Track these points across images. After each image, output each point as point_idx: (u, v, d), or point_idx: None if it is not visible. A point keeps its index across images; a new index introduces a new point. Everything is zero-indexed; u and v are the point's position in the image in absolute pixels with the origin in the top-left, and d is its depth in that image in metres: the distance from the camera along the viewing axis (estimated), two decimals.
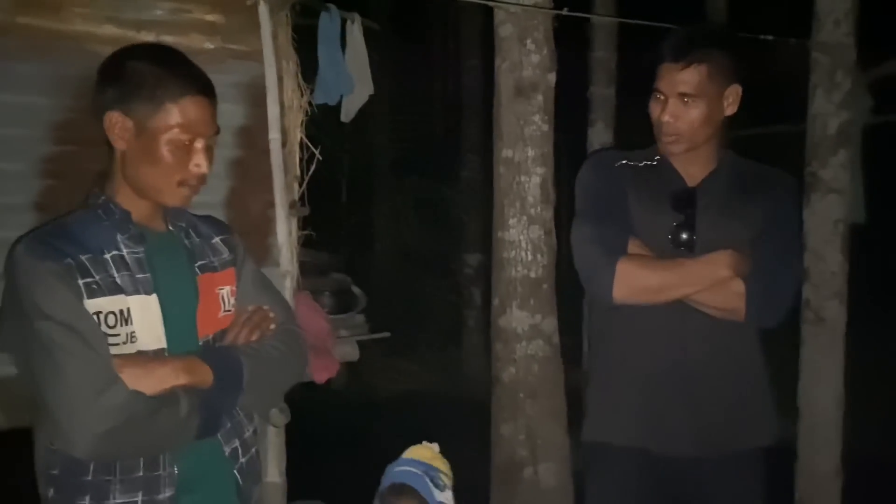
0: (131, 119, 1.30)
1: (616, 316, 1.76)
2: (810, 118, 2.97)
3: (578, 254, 1.77)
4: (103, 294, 1.28)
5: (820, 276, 2.94)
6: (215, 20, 2.19)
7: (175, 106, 1.30)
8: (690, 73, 1.65)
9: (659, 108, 1.70)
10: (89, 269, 1.29)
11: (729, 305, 1.70)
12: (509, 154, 2.55)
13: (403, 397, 6.15)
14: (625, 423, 1.77)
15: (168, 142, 1.30)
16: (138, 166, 1.32)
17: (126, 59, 1.32)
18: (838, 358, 2.95)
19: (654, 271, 1.70)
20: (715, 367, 1.74)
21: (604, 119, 4.59)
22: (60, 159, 1.99)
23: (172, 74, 1.31)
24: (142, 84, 1.29)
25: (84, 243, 1.30)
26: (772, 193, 1.76)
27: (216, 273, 1.44)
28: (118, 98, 1.30)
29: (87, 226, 1.33)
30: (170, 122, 1.30)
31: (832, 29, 2.88)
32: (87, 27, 2.03)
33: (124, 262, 1.32)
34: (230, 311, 1.45)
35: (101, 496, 1.30)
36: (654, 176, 1.77)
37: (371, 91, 3.03)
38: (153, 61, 1.32)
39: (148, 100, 1.29)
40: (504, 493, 2.61)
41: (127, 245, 1.34)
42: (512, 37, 2.51)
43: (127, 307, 1.30)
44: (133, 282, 1.32)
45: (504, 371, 2.59)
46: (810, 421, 2.97)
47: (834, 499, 2.94)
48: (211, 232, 1.48)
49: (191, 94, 1.31)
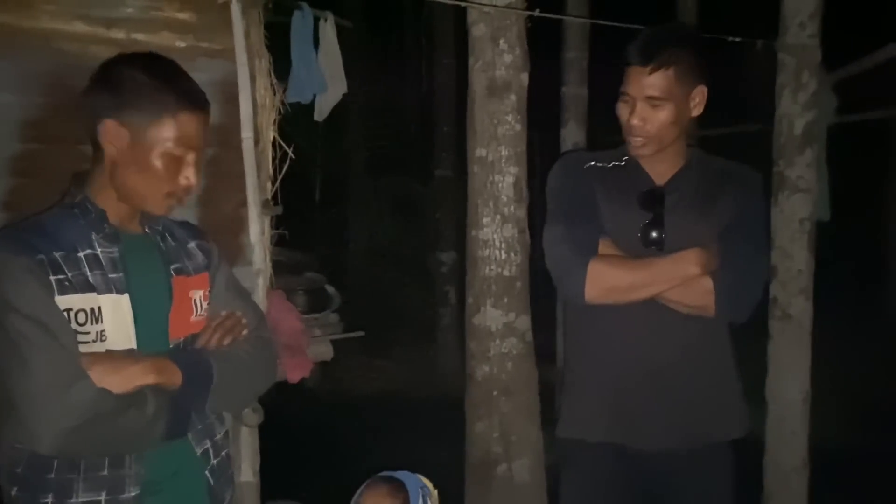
0: (126, 129, 1.31)
1: (588, 314, 1.79)
2: (777, 118, 3.02)
3: (550, 255, 1.79)
4: (74, 291, 1.28)
5: (787, 273, 3.00)
6: (187, 18, 2.17)
7: (172, 120, 1.31)
8: (658, 77, 1.66)
9: (627, 111, 1.71)
10: (62, 265, 1.29)
11: (699, 302, 1.72)
12: (483, 153, 2.56)
13: (378, 396, 6.14)
14: (598, 420, 1.79)
15: (161, 154, 1.32)
16: (128, 174, 1.33)
17: (125, 68, 1.32)
18: (805, 353, 3.01)
19: (624, 271, 1.72)
20: (686, 362, 1.77)
21: (576, 118, 4.62)
22: (29, 157, 1.96)
23: (171, 88, 1.32)
24: (140, 95, 1.30)
25: (58, 240, 1.31)
26: (738, 190, 1.79)
27: (190, 277, 1.44)
28: (115, 106, 1.31)
29: (62, 223, 1.33)
30: (165, 136, 1.31)
31: (798, 31, 2.93)
32: (55, 24, 2.01)
33: (98, 261, 1.32)
34: (202, 316, 1.46)
35: (64, 494, 1.30)
36: (622, 176, 1.79)
37: (344, 90, 3.03)
38: (152, 73, 1.32)
39: (145, 112, 1.30)
40: (478, 490, 2.63)
41: (101, 244, 1.34)
42: (485, 37, 2.53)
43: (98, 305, 1.30)
44: (105, 281, 1.32)
45: (478, 369, 2.60)
46: (777, 414, 3.02)
47: (801, 491, 3.00)
48: (186, 236, 1.49)
49: (188, 108, 1.33)
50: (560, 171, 1.86)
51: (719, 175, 1.81)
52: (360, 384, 6.39)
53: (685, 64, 1.68)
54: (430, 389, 6.11)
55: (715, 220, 1.76)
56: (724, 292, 1.71)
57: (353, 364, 6.36)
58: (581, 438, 1.81)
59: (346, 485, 1.82)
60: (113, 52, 2.08)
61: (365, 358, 6.56)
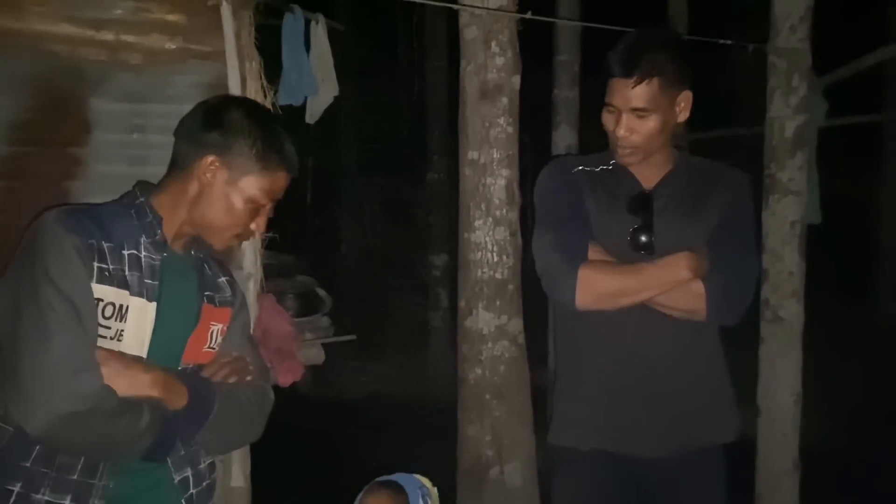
0: (227, 169, 1.39)
1: (579, 321, 1.77)
2: (768, 121, 3.02)
3: (540, 261, 1.78)
4: (111, 284, 1.31)
5: (778, 275, 3.01)
6: (177, 20, 2.16)
7: (270, 175, 1.41)
8: (642, 89, 1.64)
9: (613, 121, 1.70)
10: (106, 255, 1.32)
11: (690, 306, 1.71)
12: (475, 156, 2.56)
13: (369, 400, 6.13)
14: (591, 427, 1.78)
15: (248, 200, 1.40)
16: (209, 207, 1.40)
17: (240, 115, 1.41)
18: (796, 355, 3.02)
19: (615, 276, 1.71)
20: (678, 366, 1.76)
21: (567, 121, 4.63)
22: (17, 160, 1.95)
23: (278, 148, 1.42)
24: (252, 146, 1.39)
25: (109, 232, 1.34)
26: (727, 192, 1.78)
27: (215, 308, 1.48)
28: (224, 145, 1.38)
29: (116, 218, 1.37)
30: (259, 187, 1.41)
31: (788, 34, 2.94)
32: (44, 26, 1.99)
33: (139, 263, 1.36)
34: (213, 349, 1.48)
35: (32, 487, 1.29)
36: (611, 180, 1.79)
37: (336, 92, 3.02)
38: (265, 127, 1.42)
39: (251, 161, 1.39)
40: (471, 493, 2.62)
41: (147, 249, 1.38)
42: (477, 39, 2.52)
43: (127, 304, 1.33)
44: (140, 284, 1.35)
45: (470, 372, 2.60)
46: (769, 417, 3.03)
47: (792, 493, 3.01)
48: (218, 271, 1.54)
49: (285, 167, 1.43)
50: (548, 177, 1.84)
51: (707, 177, 1.80)
52: (352, 388, 6.37)
53: (669, 72, 1.65)
54: (422, 393, 6.10)
55: (704, 223, 1.75)
56: (714, 295, 1.70)
57: (344, 368, 6.34)
58: (573, 446, 1.80)
59: (337, 488, 1.81)
60: (102, 54, 2.11)
61: (357, 361, 6.55)
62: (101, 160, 2.06)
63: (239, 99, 1.52)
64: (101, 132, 2.08)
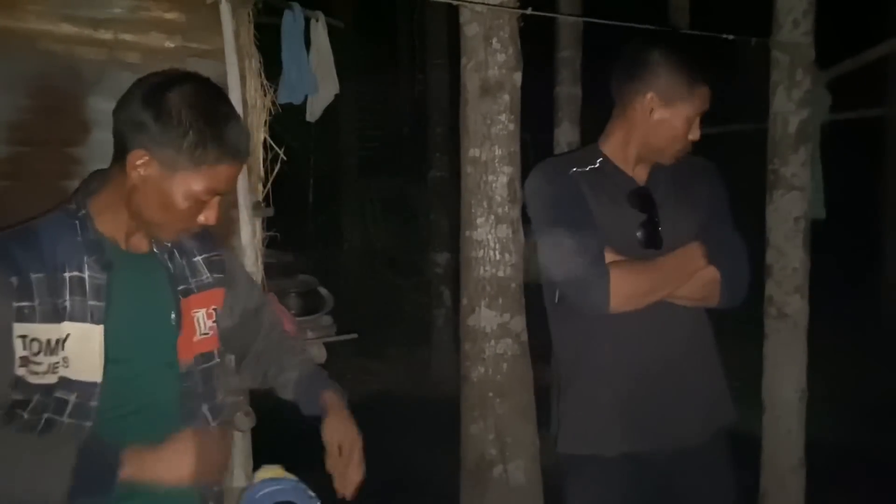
0: (158, 163, 1.23)
1: (585, 324, 1.76)
2: (771, 116, 3.00)
3: (562, 271, 1.74)
4: (35, 320, 1.22)
5: (782, 271, 2.99)
6: (175, 18, 2.15)
7: (210, 170, 1.24)
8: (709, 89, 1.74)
9: (690, 128, 1.74)
10: (33, 291, 1.22)
11: (705, 294, 1.76)
12: (476, 153, 2.55)
13: (372, 398, 6.12)
14: (613, 432, 1.76)
15: (188, 196, 1.26)
16: (146, 204, 1.27)
17: (174, 98, 1.22)
18: (801, 352, 3.00)
19: (642, 275, 1.71)
20: (686, 355, 1.78)
21: (570, 118, 4.61)
22: (14, 160, 1.94)
23: (216, 136, 1.23)
24: (182, 138, 1.22)
25: (44, 259, 1.24)
26: (705, 179, 1.85)
27: (193, 296, 1.39)
28: (151, 137, 1.22)
29: (57, 236, 1.27)
30: (198, 183, 1.25)
31: (791, 29, 2.93)
32: (41, 25, 1.98)
33: (82, 286, 1.26)
34: (207, 335, 1.41)
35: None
36: (605, 179, 1.78)
37: (336, 90, 3.01)
38: (202, 113, 1.23)
39: (184, 156, 1.22)
40: (474, 492, 2.61)
41: (91, 268, 1.27)
42: (477, 36, 2.51)
43: (64, 335, 1.24)
44: (83, 308, 1.25)
45: (473, 370, 2.58)
46: (774, 414, 3.01)
47: (798, 490, 2.99)
48: (194, 250, 1.43)
49: (230, 160, 1.26)
50: (545, 183, 1.80)
51: (685, 169, 1.83)
52: (355, 386, 6.36)
53: None
54: (425, 391, 6.10)
55: (696, 212, 1.79)
56: (727, 280, 1.75)
57: (347, 366, 6.33)
58: (597, 454, 1.77)
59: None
60: (100, 53, 2.10)
61: (359, 360, 6.54)
62: (100, 159, 2.02)
63: (177, 77, 1.26)
64: (99, 132, 2.07)
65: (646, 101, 1.72)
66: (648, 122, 1.73)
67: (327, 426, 1.51)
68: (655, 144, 1.75)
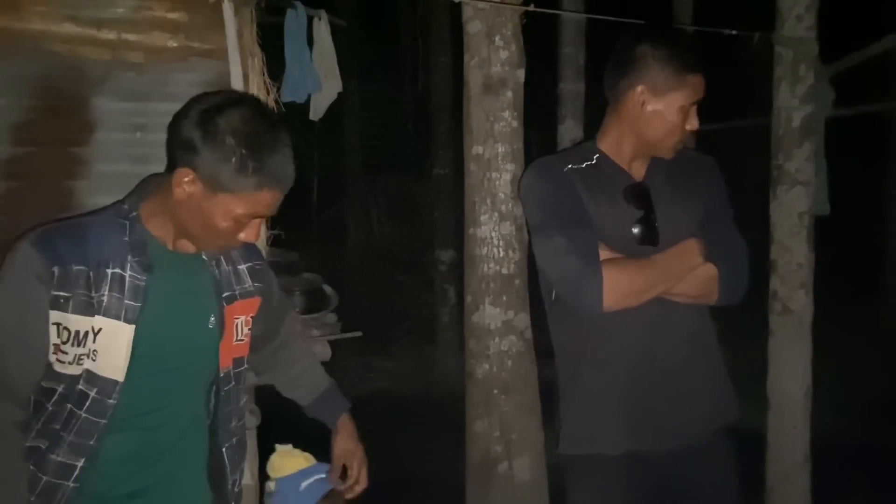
0: (203, 185, 1.25)
1: (585, 322, 1.75)
2: (775, 112, 3.00)
3: (555, 268, 1.74)
4: (69, 311, 1.27)
5: (786, 267, 2.98)
6: (178, 18, 2.15)
7: (250, 196, 1.26)
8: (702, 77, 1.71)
9: (687, 120, 1.71)
10: (72, 283, 1.26)
11: (703, 290, 1.74)
12: (479, 151, 2.54)
13: (377, 396, 6.13)
14: (618, 431, 1.75)
15: (228, 217, 1.28)
16: (189, 219, 1.30)
17: (220, 128, 1.24)
18: (805, 348, 2.99)
19: (637, 273, 1.69)
20: (687, 352, 1.77)
21: (573, 115, 4.60)
22: (20, 161, 1.95)
23: (259, 164, 1.24)
24: (225, 163, 1.23)
25: (89, 253, 1.28)
26: (704, 175, 1.82)
27: (236, 302, 1.43)
28: (197, 160, 1.24)
29: (105, 235, 1.31)
30: (239, 208, 1.27)
31: (794, 24, 2.92)
32: (45, 26, 1.99)
33: (121, 284, 1.30)
34: (242, 341, 1.46)
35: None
36: (600, 176, 1.77)
37: (339, 89, 3.01)
38: (250, 143, 1.24)
39: (225, 180, 1.24)
40: (479, 488, 2.61)
41: (133, 268, 1.31)
42: (480, 33, 2.51)
43: (96, 328, 1.28)
44: (119, 305, 1.29)
45: (478, 367, 2.59)
46: (779, 410, 3.01)
47: (803, 486, 2.99)
48: (239, 257, 1.46)
49: (271, 188, 1.27)
50: (539, 180, 1.79)
51: (683, 164, 1.81)
52: (360, 384, 6.37)
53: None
54: (430, 388, 6.10)
55: (695, 208, 1.77)
56: (724, 276, 1.73)
57: (351, 364, 6.35)
58: (601, 453, 1.76)
59: None
60: (104, 53, 2.11)
61: (364, 358, 6.55)
62: (104, 159, 2.06)
63: (231, 101, 1.28)
64: (104, 131, 2.08)
65: (637, 95, 1.70)
66: (642, 115, 1.71)
67: (338, 445, 1.68)
68: (651, 137, 1.73)
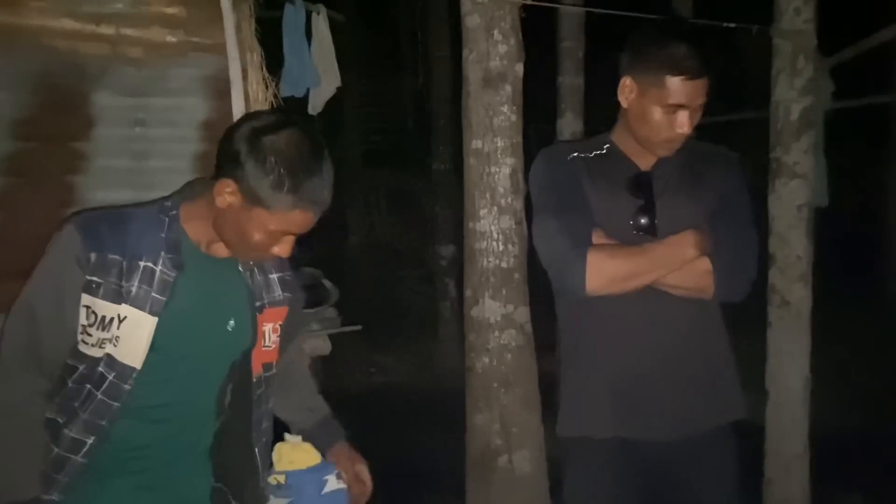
0: (242, 198, 1.31)
1: (584, 308, 1.76)
2: (773, 104, 3.00)
3: (545, 250, 1.76)
4: (98, 296, 1.33)
5: (785, 259, 2.99)
6: (177, 13, 2.16)
7: (283, 215, 1.31)
8: (704, 83, 1.67)
9: (673, 121, 1.68)
10: (106, 269, 1.33)
11: (698, 284, 1.72)
12: (479, 145, 2.55)
13: (377, 390, 6.14)
14: (605, 415, 1.77)
15: (262, 231, 1.33)
16: (226, 227, 1.36)
17: (264, 146, 1.29)
18: (804, 340, 3.00)
19: (624, 259, 1.70)
20: (686, 346, 1.76)
21: (573, 108, 4.60)
22: (20, 156, 1.95)
23: (295, 186, 1.29)
24: (263, 180, 1.28)
25: (127, 244, 1.35)
26: (720, 170, 1.80)
27: (266, 310, 1.48)
28: (240, 173, 1.29)
29: (144, 229, 1.37)
30: (272, 224, 1.32)
31: (793, 16, 2.91)
32: (45, 21, 2.00)
33: (151, 277, 1.35)
34: (270, 347, 1.50)
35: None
36: (607, 165, 1.78)
37: (338, 83, 3.02)
38: (291, 164, 1.29)
39: (262, 196, 1.29)
40: (480, 481, 2.62)
41: (165, 264, 1.36)
42: (479, 27, 2.51)
43: (119, 316, 1.34)
44: (146, 297, 1.34)
45: (478, 361, 2.60)
46: (778, 401, 3.02)
47: (802, 477, 3.00)
48: (272, 266, 1.51)
49: (305, 208, 1.32)
50: (543, 166, 1.82)
51: (700, 158, 1.81)
52: (359, 378, 6.39)
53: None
54: (430, 382, 6.11)
55: (702, 202, 1.76)
56: (721, 272, 1.71)
57: (352, 358, 6.35)
58: (587, 435, 1.78)
59: None
60: (103, 49, 2.11)
61: (364, 352, 6.56)
62: (104, 154, 2.07)
63: (280, 123, 1.33)
64: (104, 126, 2.09)
65: (625, 87, 1.71)
66: (630, 109, 1.72)
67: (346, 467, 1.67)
68: (638, 132, 1.73)
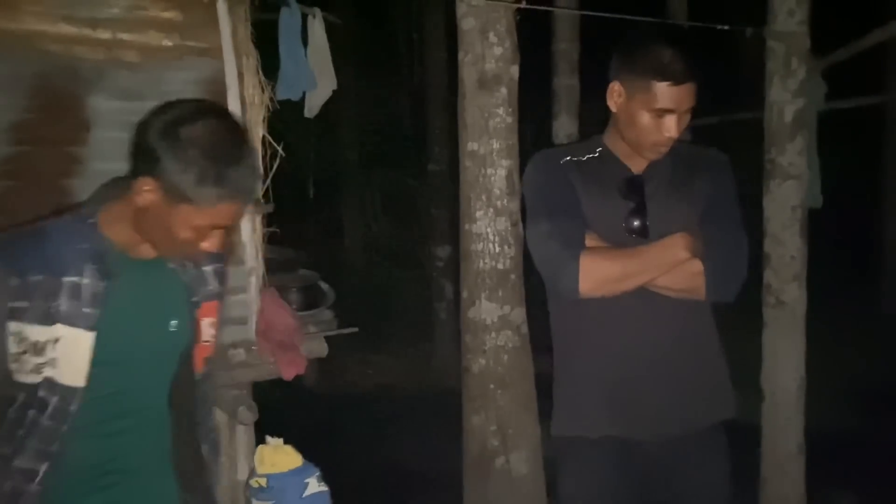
0: (163, 195, 1.24)
1: (578, 309, 1.78)
2: (767, 106, 3.01)
3: (538, 253, 1.78)
4: (26, 321, 1.26)
5: (779, 260, 3.00)
6: (172, 17, 2.16)
7: (212, 209, 1.25)
8: (690, 88, 1.68)
9: (661, 125, 1.70)
10: (30, 293, 1.26)
11: (689, 285, 1.74)
12: (474, 147, 2.56)
13: (374, 392, 6.14)
14: (599, 415, 1.78)
15: (188, 228, 1.27)
16: (149, 227, 1.29)
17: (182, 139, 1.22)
18: (799, 339, 3.02)
19: (615, 261, 1.72)
20: (678, 346, 1.78)
21: (568, 110, 4.60)
22: (16, 160, 1.96)
23: (220, 177, 1.23)
24: (186, 174, 1.22)
25: (47, 261, 1.28)
26: (711, 172, 1.82)
27: (204, 304, 1.44)
28: (159, 170, 1.23)
29: (63, 242, 1.30)
30: (199, 219, 1.26)
31: (786, 18, 2.93)
32: (41, 26, 2.00)
33: (78, 292, 1.29)
34: (209, 342, 1.46)
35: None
36: (599, 168, 1.80)
37: (334, 86, 3.02)
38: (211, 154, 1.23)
39: (186, 191, 1.23)
40: (477, 482, 2.63)
41: (91, 275, 1.30)
42: (474, 30, 2.52)
43: (55, 337, 1.27)
44: (77, 313, 1.28)
45: (474, 362, 2.60)
46: (773, 401, 3.03)
47: (797, 477, 3.01)
48: (204, 259, 1.45)
49: (232, 200, 1.26)
50: (536, 169, 1.85)
51: (691, 160, 1.83)
52: (356, 380, 6.39)
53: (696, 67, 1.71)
54: (427, 384, 6.12)
55: (693, 204, 1.78)
56: (712, 273, 1.73)
57: (348, 360, 6.36)
58: (581, 435, 1.80)
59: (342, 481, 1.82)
60: (99, 53, 2.11)
61: (361, 354, 6.56)
62: (100, 158, 2.07)
63: (196, 111, 1.27)
64: (99, 130, 2.09)
65: (613, 91, 1.73)
66: (619, 112, 1.74)
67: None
68: (626, 135, 1.75)
